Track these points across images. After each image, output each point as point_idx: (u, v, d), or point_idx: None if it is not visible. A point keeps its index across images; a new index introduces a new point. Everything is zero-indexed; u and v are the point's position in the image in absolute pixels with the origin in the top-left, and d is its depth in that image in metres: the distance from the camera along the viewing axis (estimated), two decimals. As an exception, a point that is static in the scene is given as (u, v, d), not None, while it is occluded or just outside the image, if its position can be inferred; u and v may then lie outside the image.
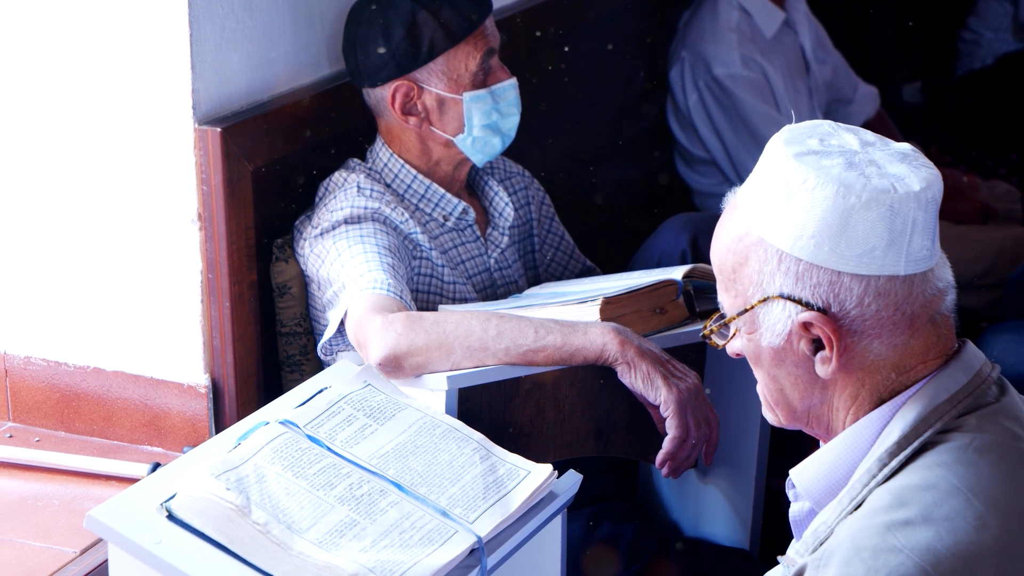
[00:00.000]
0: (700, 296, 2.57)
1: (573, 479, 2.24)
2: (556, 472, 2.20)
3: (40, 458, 2.64)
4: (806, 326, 1.66)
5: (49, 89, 2.65)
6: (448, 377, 2.34)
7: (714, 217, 2.86)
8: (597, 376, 2.46)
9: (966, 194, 4.50)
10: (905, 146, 1.71)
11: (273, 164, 2.69)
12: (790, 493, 1.79)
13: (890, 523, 1.57)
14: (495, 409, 2.42)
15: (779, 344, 1.69)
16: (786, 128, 1.74)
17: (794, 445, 2.92)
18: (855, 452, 1.69)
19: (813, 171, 1.64)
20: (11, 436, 2.76)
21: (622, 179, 4.12)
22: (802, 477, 1.74)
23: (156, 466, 2.45)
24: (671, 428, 2.36)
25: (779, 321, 1.68)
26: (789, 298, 1.66)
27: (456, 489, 2.13)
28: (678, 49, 4.20)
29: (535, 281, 2.94)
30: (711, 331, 1.78)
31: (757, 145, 4.13)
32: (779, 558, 1.71)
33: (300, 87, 2.80)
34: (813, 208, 1.64)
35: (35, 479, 2.61)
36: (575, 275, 2.98)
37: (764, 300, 1.68)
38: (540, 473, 2.18)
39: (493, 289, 2.82)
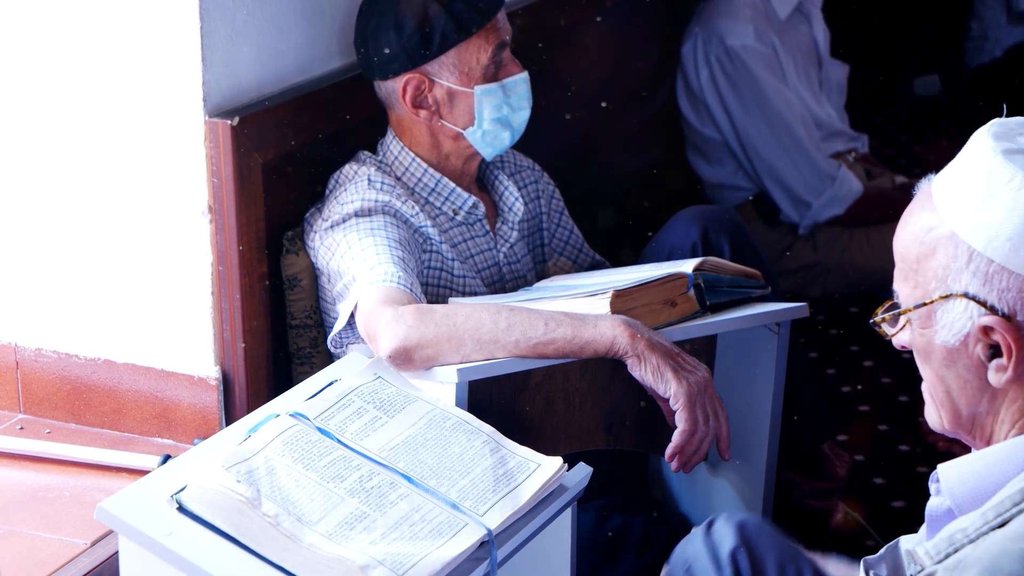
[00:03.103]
0: (710, 289, 2.56)
1: (583, 472, 2.24)
2: (566, 465, 2.20)
3: (51, 450, 2.65)
4: (986, 330, 1.59)
5: (60, 83, 2.65)
6: (458, 370, 2.34)
7: (725, 210, 2.88)
8: (607, 369, 2.45)
9: None
10: None
11: (283, 156, 2.69)
12: (932, 487, 1.71)
13: None
14: (505, 402, 2.42)
15: (954, 344, 1.63)
16: (996, 121, 1.67)
17: (803, 439, 2.93)
18: (1011, 466, 1.61)
19: (1020, 171, 1.57)
20: (22, 428, 2.77)
21: (633, 173, 4.12)
22: (949, 475, 1.66)
23: (166, 458, 2.46)
24: (680, 421, 2.36)
25: (958, 321, 1.61)
26: (974, 299, 1.60)
27: (466, 482, 2.13)
28: (692, 27, 4.23)
29: (544, 275, 2.94)
30: (883, 319, 1.71)
31: (767, 121, 4.14)
32: (904, 549, 1.64)
33: (311, 79, 2.80)
34: (1015, 210, 1.57)
35: (46, 471, 2.61)
36: (584, 269, 2.98)
37: (946, 297, 1.62)
38: (550, 466, 2.18)
39: (502, 283, 2.82)
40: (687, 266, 2.54)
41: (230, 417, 2.67)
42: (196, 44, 2.54)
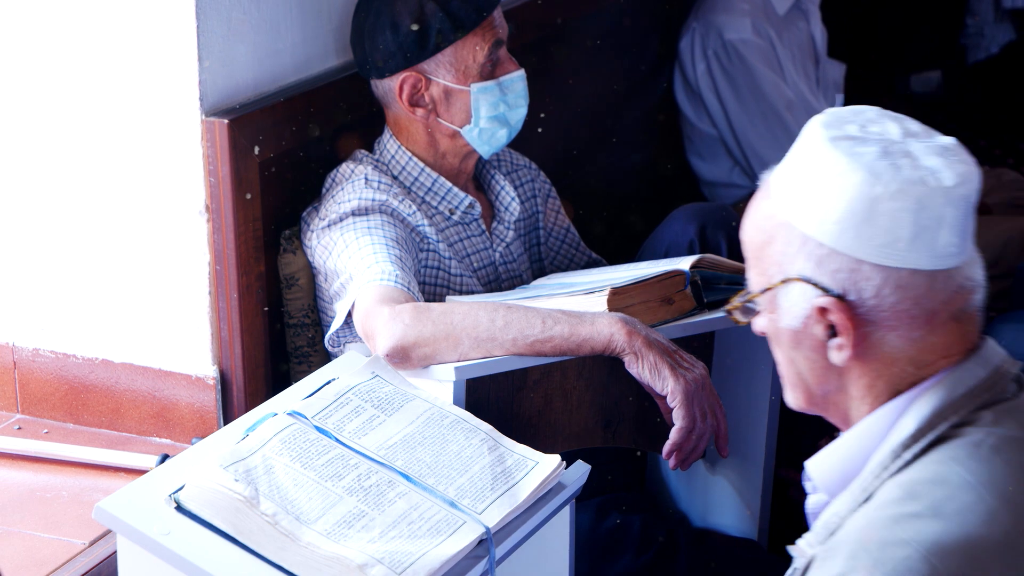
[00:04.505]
0: (708, 286, 2.56)
1: (581, 470, 2.24)
2: (564, 463, 2.20)
3: (49, 450, 2.65)
4: (823, 311, 1.65)
5: (56, 82, 2.65)
6: (456, 368, 2.34)
7: (722, 207, 2.88)
8: (605, 367, 2.45)
9: None
10: (949, 140, 1.69)
11: (280, 155, 2.69)
12: (807, 485, 1.77)
13: (898, 516, 1.56)
14: (503, 400, 2.42)
15: (797, 326, 1.68)
16: (829, 111, 1.72)
17: (803, 435, 2.93)
18: (869, 443, 1.67)
19: (844, 156, 1.63)
20: (20, 428, 2.77)
21: (630, 170, 4.12)
22: (818, 469, 1.73)
23: (164, 457, 2.46)
24: (678, 419, 2.36)
25: (797, 303, 1.67)
26: (808, 281, 1.65)
27: (464, 480, 2.13)
28: (690, 22, 4.23)
29: (541, 274, 2.94)
30: (735, 308, 1.77)
31: (763, 115, 4.14)
32: (789, 548, 1.70)
33: (307, 78, 2.80)
34: (840, 194, 1.62)
35: (44, 471, 2.61)
36: (581, 268, 2.98)
37: (785, 281, 1.67)
38: (548, 464, 2.18)
39: (498, 283, 2.82)
40: (684, 263, 2.54)
41: (228, 416, 2.67)
42: (192, 43, 2.54)
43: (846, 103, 4.67)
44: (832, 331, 1.66)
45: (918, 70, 5.85)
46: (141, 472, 2.43)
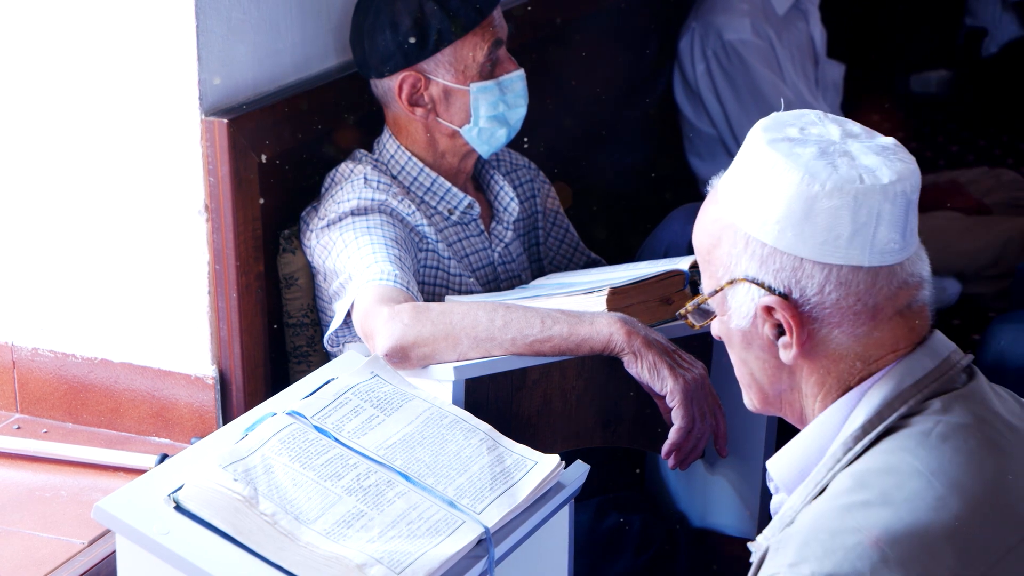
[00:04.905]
0: (707, 286, 2.56)
1: (580, 469, 2.24)
2: (563, 462, 2.20)
3: (48, 449, 2.65)
4: (768, 310, 1.67)
5: (56, 81, 2.65)
6: (455, 368, 2.34)
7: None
8: (604, 366, 2.45)
9: (961, 191, 4.51)
10: (888, 140, 1.72)
11: (280, 155, 2.69)
12: (770, 485, 1.79)
13: (849, 505, 1.58)
14: (502, 399, 2.42)
15: (746, 327, 1.71)
16: (773, 115, 1.75)
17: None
18: (824, 439, 1.69)
19: (783, 157, 1.66)
20: (19, 427, 2.77)
21: (629, 170, 4.12)
22: (778, 467, 1.75)
23: (164, 457, 2.46)
24: (677, 418, 2.36)
25: (744, 304, 1.69)
26: (753, 281, 1.68)
27: (463, 479, 2.13)
28: (689, 22, 4.23)
29: (540, 274, 2.94)
30: (687, 311, 1.82)
31: (762, 115, 4.14)
32: (748, 544, 1.72)
33: (307, 78, 2.80)
34: (779, 194, 1.65)
35: (43, 470, 2.61)
36: (580, 268, 2.98)
37: (732, 282, 1.70)
38: (547, 463, 2.18)
39: (497, 283, 2.82)
40: (683, 263, 2.54)
41: (227, 416, 2.67)
42: (192, 43, 2.54)
43: (846, 103, 4.68)
44: (780, 330, 1.68)
45: (918, 70, 5.85)
46: (140, 472, 2.43)
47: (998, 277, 4.22)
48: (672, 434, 2.37)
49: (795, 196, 1.64)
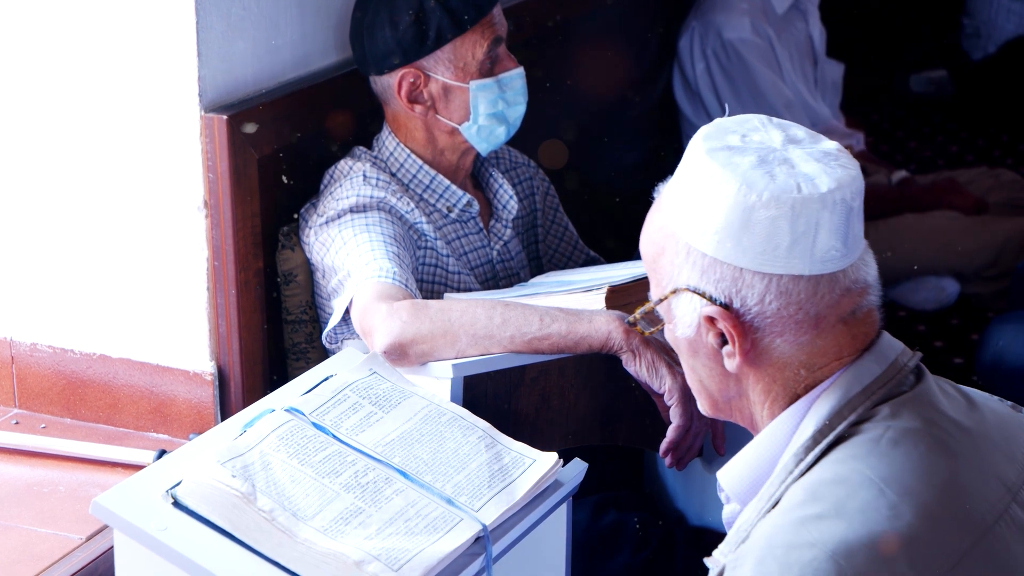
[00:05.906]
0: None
1: (578, 467, 2.24)
2: (561, 460, 2.20)
3: (46, 445, 2.65)
4: (711, 320, 1.67)
5: (56, 78, 2.65)
6: (453, 365, 2.34)
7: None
8: (602, 364, 2.45)
9: (960, 190, 4.51)
10: (832, 145, 1.71)
11: (279, 151, 2.69)
12: (721, 496, 1.79)
13: (803, 518, 1.57)
14: (500, 397, 2.42)
15: (691, 335, 1.71)
16: (715, 121, 1.74)
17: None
18: (774, 448, 1.69)
19: (720, 167, 1.65)
20: (17, 423, 2.77)
21: (628, 168, 4.12)
22: (728, 478, 1.75)
23: (162, 453, 2.45)
24: (675, 417, 2.36)
25: (688, 313, 1.69)
26: (695, 291, 1.68)
27: (461, 477, 2.13)
28: (689, 20, 4.24)
29: (539, 272, 2.94)
30: (635, 319, 1.82)
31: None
32: (705, 560, 1.71)
33: (307, 75, 2.80)
34: (717, 204, 1.64)
35: (41, 466, 2.61)
36: (578, 266, 2.98)
37: (675, 291, 1.70)
38: (545, 461, 2.18)
39: (495, 281, 2.82)
40: (683, 262, 2.54)
41: (225, 412, 2.67)
42: (192, 39, 2.54)
43: (845, 103, 4.68)
44: (723, 339, 1.68)
45: (918, 70, 5.85)
46: (138, 467, 2.44)
47: (997, 277, 4.22)
48: (670, 432, 2.37)
49: (733, 207, 1.63)
